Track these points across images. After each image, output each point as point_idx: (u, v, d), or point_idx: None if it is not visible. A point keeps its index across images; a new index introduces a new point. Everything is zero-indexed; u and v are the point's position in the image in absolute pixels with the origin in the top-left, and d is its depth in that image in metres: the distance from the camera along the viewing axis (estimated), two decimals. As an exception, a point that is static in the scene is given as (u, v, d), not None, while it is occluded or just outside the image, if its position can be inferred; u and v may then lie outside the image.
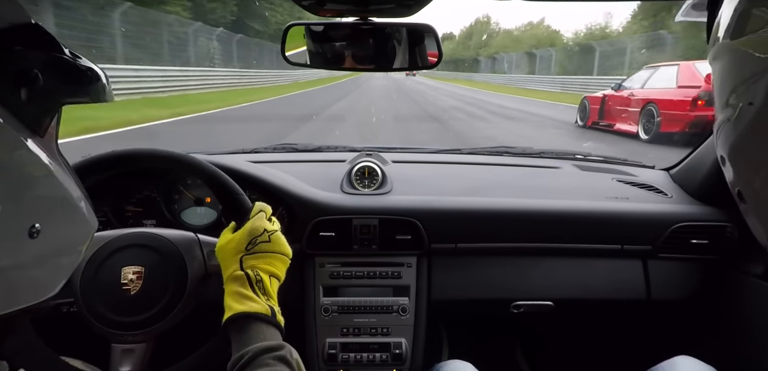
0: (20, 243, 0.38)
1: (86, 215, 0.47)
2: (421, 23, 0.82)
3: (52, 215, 0.41)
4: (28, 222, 0.38)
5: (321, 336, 1.12)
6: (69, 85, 0.42)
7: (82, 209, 0.46)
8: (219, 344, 0.78)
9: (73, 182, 0.44)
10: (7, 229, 0.36)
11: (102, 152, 0.81)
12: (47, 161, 0.41)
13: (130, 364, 0.72)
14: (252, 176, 1.11)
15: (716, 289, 1.20)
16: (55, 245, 0.43)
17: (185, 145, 4.29)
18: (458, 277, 1.19)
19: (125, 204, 1.14)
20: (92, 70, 0.44)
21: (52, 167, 0.41)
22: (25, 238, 0.38)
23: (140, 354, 0.73)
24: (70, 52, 0.42)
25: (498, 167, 1.47)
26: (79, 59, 0.43)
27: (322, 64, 0.86)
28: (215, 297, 0.83)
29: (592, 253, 1.20)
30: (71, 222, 0.45)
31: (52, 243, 0.42)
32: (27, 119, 0.39)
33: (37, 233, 0.39)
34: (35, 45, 0.40)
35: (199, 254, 0.79)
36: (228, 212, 1.04)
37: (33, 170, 0.39)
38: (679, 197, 1.25)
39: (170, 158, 0.83)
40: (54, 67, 0.41)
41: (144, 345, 0.73)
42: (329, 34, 0.83)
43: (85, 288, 0.72)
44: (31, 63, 0.39)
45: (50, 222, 0.41)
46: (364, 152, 1.37)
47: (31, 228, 0.38)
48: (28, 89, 0.38)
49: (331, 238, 1.12)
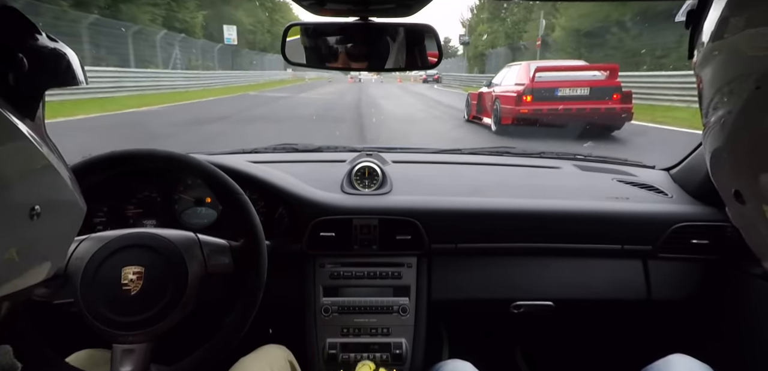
0: (21, 225, 0.38)
1: (77, 198, 0.47)
2: (421, 23, 0.82)
3: (50, 197, 0.42)
4: (29, 204, 0.39)
5: (321, 336, 1.12)
6: (51, 69, 0.43)
7: (74, 191, 0.47)
8: (220, 342, 0.78)
9: (63, 166, 0.45)
10: (9, 211, 0.37)
11: (102, 153, 0.81)
12: (41, 144, 0.41)
13: (130, 364, 0.72)
14: (252, 176, 1.11)
15: (717, 289, 1.20)
16: (53, 226, 0.43)
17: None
18: (458, 277, 1.19)
19: (125, 204, 1.14)
20: (67, 54, 0.44)
21: (45, 150, 0.42)
22: (27, 220, 0.38)
23: (140, 354, 0.73)
24: (47, 36, 0.42)
25: (498, 167, 1.47)
26: (56, 43, 0.43)
27: (320, 64, 0.86)
28: (215, 297, 0.84)
29: (593, 253, 1.20)
30: (66, 204, 0.46)
31: (50, 225, 0.42)
32: (18, 103, 0.39)
33: (38, 216, 0.39)
34: (16, 29, 0.40)
35: (200, 254, 0.79)
36: (228, 212, 1.04)
37: (30, 153, 0.40)
38: (680, 197, 1.25)
39: (170, 158, 0.84)
40: (36, 51, 0.41)
41: (144, 345, 0.73)
42: (328, 34, 0.84)
43: (86, 288, 0.72)
44: (15, 47, 0.39)
45: (49, 204, 0.41)
46: (364, 152, 1.37)
47: (31, 210, 0.39)
48: (15, 74, 0.39)
49: (331, 238, 1.12)
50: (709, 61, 0.39)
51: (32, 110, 0.41)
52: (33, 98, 0.41)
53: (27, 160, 0.39)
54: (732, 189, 0.38)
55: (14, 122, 0.38)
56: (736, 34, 0.36)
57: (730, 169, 0.38)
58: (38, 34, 0.41)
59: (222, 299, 0.86)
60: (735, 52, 0.36)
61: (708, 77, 0.40)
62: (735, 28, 0.36)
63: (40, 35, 0.41)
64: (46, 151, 0.42)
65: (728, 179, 0.39)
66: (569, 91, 6.56)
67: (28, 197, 0.39)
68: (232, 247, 0.84)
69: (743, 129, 0.35)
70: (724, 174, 0.40)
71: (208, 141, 6.80)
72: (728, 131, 0.36)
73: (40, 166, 0.41)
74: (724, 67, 0.37)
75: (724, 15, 0.37)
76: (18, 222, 0.38)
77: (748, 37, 0.34)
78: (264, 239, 0.83)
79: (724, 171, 0.40)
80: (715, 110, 0.38)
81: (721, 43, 0.37)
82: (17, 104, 0.39)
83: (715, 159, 0.40)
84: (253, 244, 0.82)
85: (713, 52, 0.38)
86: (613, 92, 6.48)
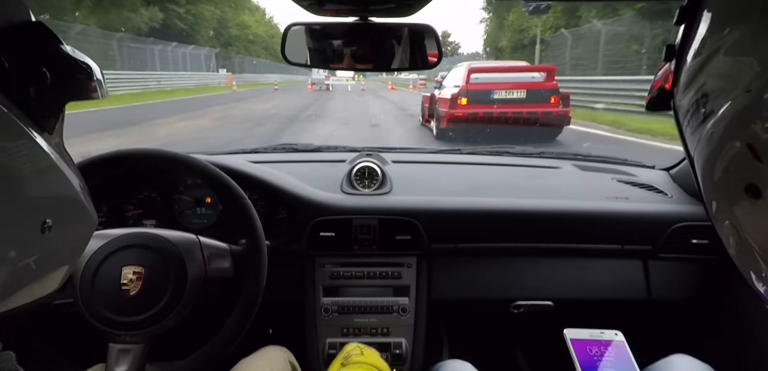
0: (33, 238, 0.38)
1: (89, 211, 0.48)
2: (422, 23, 0.82)
3: (62, 212, 0.42)
4: (41, 218, 0.39)
5: (321, 336, 1.12)
6: (73, 83, 0.43)
7: (86, 204, 0.47)
8: (219, 344, 0.78)
9: (77, 179, 0.45)
10: (21, 224, 0.37)
11: (103, 152, 0.81)
12: (57, 158, 0.41)
13: (126, 364, 0.72)
14: (252, 176, 1.11)
15: (717, 289, 1.20)
16: (64, 240, 0.43)
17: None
18: (458, 277, 1.19)
19: (125, 204, 1.14)
20: (90, 67, 0.44)
21: (61, 164, 0.42)
22: (38, 233, 0.39)
23: (137, 354, 0.73)
24: (70, 49, 0.42)
25: (498, 167, 1.47)
26: (79, 56, 0.43)
27: (322, 64, 0.86)
28: (214, 300, 0.83)
29: (592, 253, 1.20)
30: (78, 218, 0.46)
31: (61, 238, 0.42)
32: (37, 117, 0.39)
33: (49, 229, 0.39)
34: (41, 42, 0.40)
35: (200, 256, 0.79)
36: (228, 213, 1.04)
37: (46, 167, 0.40)
38: (680, 197, 1.25)
39: (171, 158, 0.84)
40: (59, 64, 0.41)
41: (141, 345, 0.73)
42: (328, 34, 0.83)
43: (85, 286, 0.72)
44: (39, 60, 0.39)
45: (60, 218, 0.41)
46: (364, 153, 1.37)
47: (43, 224, 0.39)
48: (37, 87, 0.39)
49: (331, 238, 1.12)
50: (694, 82, 0.40)
51: (52, 124, 0.41)
52: (53, 111, 0.41)
53: (43, 174, 0.40)
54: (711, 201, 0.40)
55: (33, 136, 0.38)
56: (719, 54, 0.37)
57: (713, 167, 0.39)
58: (62, 47, 0.41)
59: (220, 302, 0.86)
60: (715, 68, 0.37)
61: (690, 97, 0.41)
62: (718, 47, 0.37)
63: (64, 48, 0.41)
64: (63, 165, 0.42)
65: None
66: (505, 93, 6.29)
67: (43, 210, 0.39)
68: (233, 251, 0.84)
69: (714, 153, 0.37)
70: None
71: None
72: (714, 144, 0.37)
73: (56, 180, 0.41)
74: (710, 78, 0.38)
75: (707, 35, 0.38)
76: (32, 234, 0.38)
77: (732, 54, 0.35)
78: (265, 244, 0.83)
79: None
80: (701, 126, 0.39)
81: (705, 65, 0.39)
82: (37, 117, 0.39)
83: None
84: (253, 248, 0.82)
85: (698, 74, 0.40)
86: (551, 95, 6.19)
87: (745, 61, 0.33)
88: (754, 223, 0.34)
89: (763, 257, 0.34)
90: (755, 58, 0.32)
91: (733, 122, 0.34)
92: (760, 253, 0.34)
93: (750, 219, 0.35)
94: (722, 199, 0.38)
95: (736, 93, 0.33)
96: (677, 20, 0.43)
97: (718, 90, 0.36)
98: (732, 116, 0.34)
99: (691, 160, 0.43)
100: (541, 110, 6.16)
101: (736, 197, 0.35)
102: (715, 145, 0.36)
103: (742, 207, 0.35)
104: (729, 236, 0.38)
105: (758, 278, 0.36)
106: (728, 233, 0.38)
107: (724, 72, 0.36)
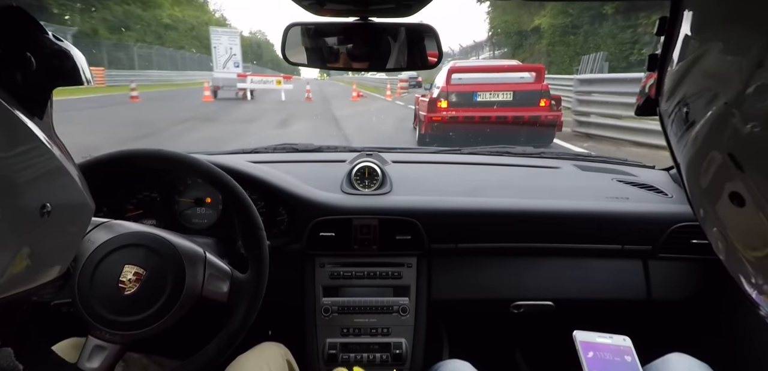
0: (33, 223, 0.38)
1: (86, 198, 0.48)
2: (422, 23, 0.82)
3: (59, 196, 0.42)
4: (39, 202, 0.39)
5: (321, 336, 1.12)
6: (58, 69, 0.43)
7: (83, 191, 0.47)
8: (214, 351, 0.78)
9: (72, 165, 0.45)
10: (21, 210, 0.37)
11: (104, 153, 0.81)
12: (50, 143, 0.41)
13: (98, 362, 0.71)
14: (252, 176, 1.11)
15: (717, 289, 1.20)
16: (64, 225, 0.44)
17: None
18: (458, 277, 1.19)
19: (125, 204, 1.14)
20: (73, 53, 0.44)
21: (55, 150, 0.42)
22: (37, 217, 0.39)
23: (111, 354, 0.72)
24: (53, 35, 0.42)
25: (498, 167, 1.47)
26: (61, 42, 0.43)
27: (320, 64, 0.86)
28: (198, 319, 0.81)
29: (593, 253, 1.20)
30: (76, 203, 0.46)
31: (60, 223, 0.43)
32: (27, 102, 0.39)
33: (48, 213, 0.40)
34: (23, 28, 0.40)
35: (201, 274, 0.78)
36: (228, 214, 1.04)
37: (40, 152, 0.40)
38: (680, 197, 1.25)
39: (172, 158, 0.83)
40: (43, 50, 0.41)
41: (117, 346, 0.73)
42: (327, 34, 0.84)
43: (85, 273, 0.72)
44: (23, 46, 0.39)
45: (59, 202, 0.41)
46: (364, 152, 1.37)
47: (42, 208, 0.39)
48: (23, 73, 0.39)
49: (331, 238, 1.12)
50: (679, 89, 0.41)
51: (41, 109, 0.41)
52: (41, 97, 0.41)
53: (38, 159, 0.40)
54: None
55: (24, 121, 0.38)
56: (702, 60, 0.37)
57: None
58: (44, 34, 0.41)
59: (204, 323, 0.85)
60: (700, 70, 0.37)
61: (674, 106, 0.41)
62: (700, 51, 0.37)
63: (46, 35, 0.41)
64: (56, 151, 0.42)
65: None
66: (489, 95, 5.65)
67: (39, 196, 0.39)
68: (234, 277, 0.82)
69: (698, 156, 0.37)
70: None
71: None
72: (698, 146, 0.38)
73: (51, 166, 0.41)
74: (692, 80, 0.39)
75: (686, 45, 0.39)
76: (30, 221, 0.38)
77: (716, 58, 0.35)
78: (266, 277, 0.82)
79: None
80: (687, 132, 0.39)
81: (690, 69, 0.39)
82: (26, 103, 0.39)
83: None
84: (255, 281, 0.81)
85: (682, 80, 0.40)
86: (541, 97, 5.56)
87: (724, 70, 0.34)
88: (739, 231, 0.35)
89: (751, 263, 0.34)
90: (733, 67, 0.32)
91: (712, 131, 0.34)
92: (747, 259, 0.34)
93: (736, 227, 0.35)
94: (709, 206, 0.38)
95: (716, 103, 0.34)
96: (658, 31, 0.43)
97: (698, 99, 0.37)
98: (712, 124, 0.34)
99: (678, 167, 0.43)
100: (529, 113, 5.57)
101: (722, 206, 0.35)
102: (698, 153, 0.37)
103: (728, 215, 0.35)
104: (718, 242, 0.38)
105: (748, 283, 0.36)
106: (716, 238, 0.38)
107: (704, 82, 0.36)
